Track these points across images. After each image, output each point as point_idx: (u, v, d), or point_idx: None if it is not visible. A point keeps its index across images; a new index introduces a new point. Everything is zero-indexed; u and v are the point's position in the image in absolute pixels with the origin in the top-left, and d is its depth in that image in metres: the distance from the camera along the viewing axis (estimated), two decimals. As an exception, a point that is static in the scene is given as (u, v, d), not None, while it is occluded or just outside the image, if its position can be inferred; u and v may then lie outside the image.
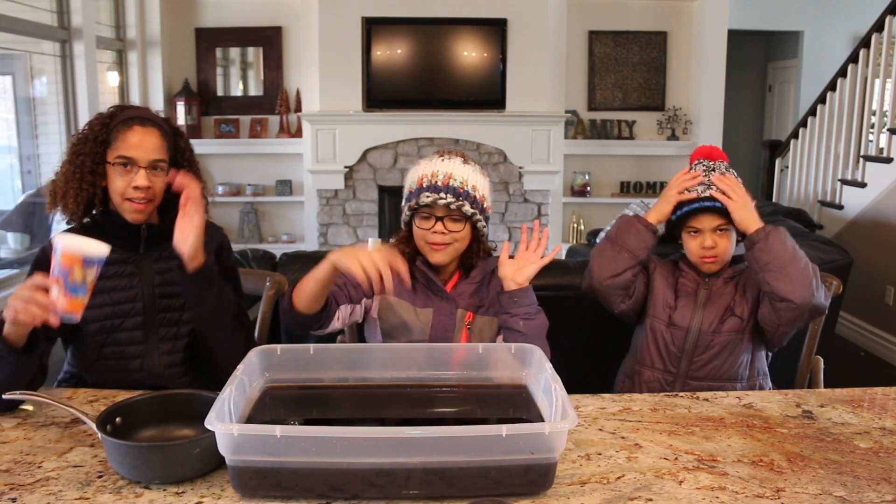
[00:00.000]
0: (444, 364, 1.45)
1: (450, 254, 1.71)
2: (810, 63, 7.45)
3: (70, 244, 1.30)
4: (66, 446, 1.28)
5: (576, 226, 6.25)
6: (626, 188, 6.31)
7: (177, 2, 5.99)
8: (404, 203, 1.75)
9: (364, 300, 1.75)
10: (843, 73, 4.83)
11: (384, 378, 1.44)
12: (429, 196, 1.66)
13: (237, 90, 6.27)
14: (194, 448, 1.15)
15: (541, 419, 1.28)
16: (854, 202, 4.61)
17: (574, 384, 1.37)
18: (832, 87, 4.95)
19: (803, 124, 5.32)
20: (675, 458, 1.27)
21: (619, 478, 1.19)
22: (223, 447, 1.09)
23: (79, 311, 1.32)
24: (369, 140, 5.82)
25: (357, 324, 1.90)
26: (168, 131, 1.62)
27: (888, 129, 4.30)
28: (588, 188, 6.23)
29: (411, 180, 1.73)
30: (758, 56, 8.34)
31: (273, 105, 6.11)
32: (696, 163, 1.88)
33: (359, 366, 1.46)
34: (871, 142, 4.70)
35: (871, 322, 4.43)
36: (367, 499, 1.11)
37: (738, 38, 6.93)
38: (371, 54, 5.70)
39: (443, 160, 1.72)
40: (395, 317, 1.75)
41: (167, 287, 1.64)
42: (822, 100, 5.08)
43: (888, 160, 4.27)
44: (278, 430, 1.06)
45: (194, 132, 5.88)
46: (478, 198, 1.70)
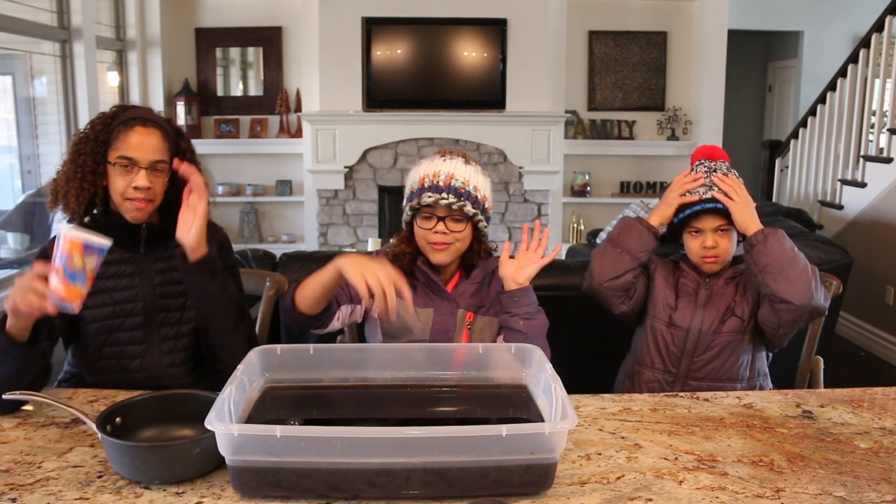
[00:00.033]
0: (444, 364, 1.45)
1: (451, 254, 1.71)
2: (810, 63, 7.45)
3: (73, 231, 1.31)
4: (66, 446, 1.28)
5: (576, 226, 6.25)
6: (626, 188, 6.31)
7: (177, 2, 5.99)
8: (405, 203, 1.75)
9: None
10: (843, 73, 4.83)
11: (384, 378, 1.44)
12: (431, 196, 1.66)
13: (237, 90, 6.27)
14: (194, 448, 1.15)
15: (541, 419, 1.28)
16: (854, 202, 4.61)
17: (574, 384, 1.37)
18: (832, 87, 4.95)
19: (803, 124, 5.32)
20: (675, 458, 1.27)
21: (619, 478, 1.19)
22: (223, 447, 1.09)
23: (76, 301, 1.31)
24: (369, 140, 5.82)
25: (357, 324, 1.90)
26: (170, 132, 1.62)
27: (888, 129, 4.30)
28: (588, 188, 6.23)
29: (413, 180, 1.73)
30: (758, 56, 8.34)
31: (273, 105, 6.11)
32: (697, 163, 1.88)
33: (359, 366, 1.46)
34: (871, 142, 4.70)
35: (871, 322, 4.43)
36: (367, 499, 1.11)
37: (738, 38, 6.93)
38: (371, 54, 5.70)
39: (444, 160, 1.72)
40: (396, 317, 1.74)
41: (168, 287, 1.64)
42: (822, 100, 5.08)
43: (888, 160, 4.27)
44: (278, 430, 1.06)
45: (194, 132, 5.88)
46: (479, 198, 1.70)
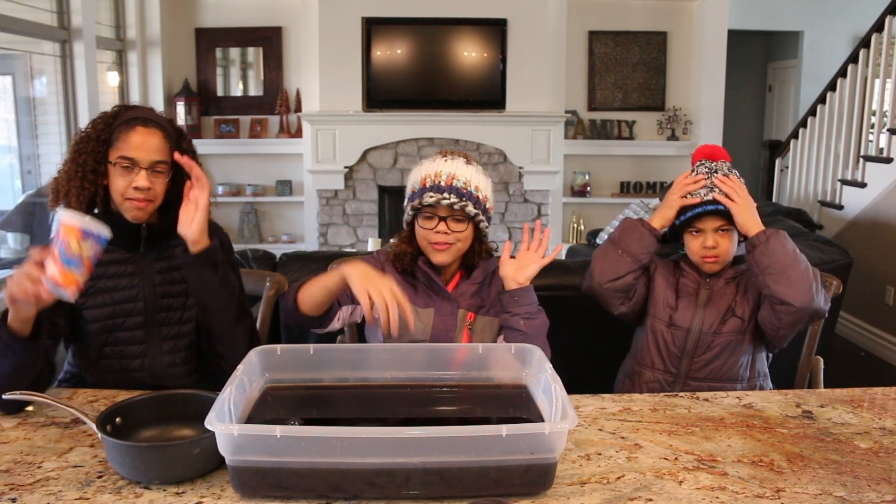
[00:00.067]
0: (444, 364, 1.45)
1: (452, 254, 1.71)
2: (810, 63, 7.45)
3: (70, 216, 1.30)
4: (66, 446, 1.28)
5: (576, 226, 6.25)
6: (626, 188, 6.31)
7: (177, 2, 5.99)
8: (407, 203, 1.75)
9: None
10: (843, 73, 4.83)
11: (384, 378, 1.44)
12: (432, 196, 1.66)
13: (237, 90, 6.27)
14: (194, 448, 1.15)
15: (541, 419, 1.28)
16: (854, 202, 4.61)
17: (574, 384, 1.37)
18: (832, 87, 4.95)
19: (803, 124, 5.32)
20: (675, 458, 1.27)
21: (619, 478, 1.19)
22: (223, 447, 1.09)
23: (72, 287, 1.29)
24: (369, 140, 5.83)
25: (357, 324, 1.90)
26: (171, 132, 1.62)
27: (888, 129, 4.30)
28: (588, 188, 6.23)
29: (414, 180, 1.73)
30: (758, 56, 8.34)
31: (273, 105, 6.11)
32: (698, 164, 1.88)
33: (359, 366, 1.46)
34: (871, 142, 4.70)
35: (871, 322, 4.43)
36: (367, 499, 1.11)
37: (738, 38, 6.93)
38: (371, 54, 5.70)
39: (446, 160, 1.72)
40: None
41: (168, 286, 1.64)
42: (822, 100, 5.08)
43: (888, 160, 4.27)
44: (278, 430, 1.06)
45: (194, 132, 5.89)
46: (480, 198, 1.70)
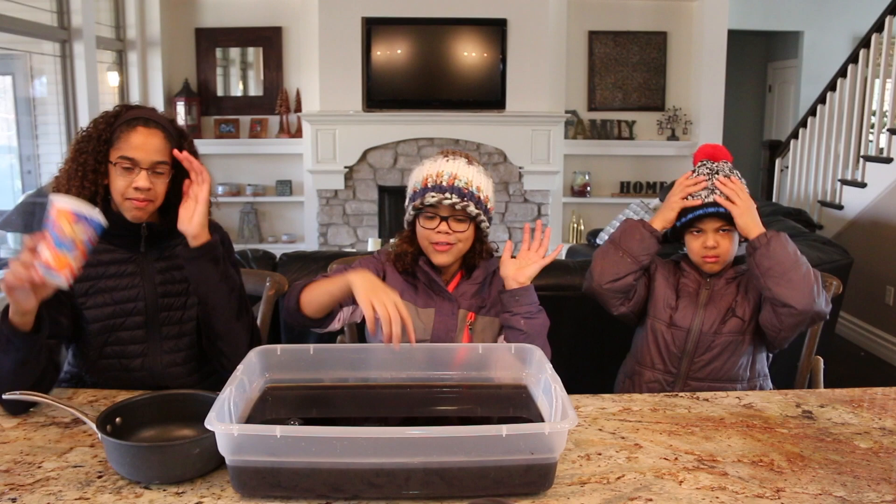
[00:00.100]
0: (444, 364, 1.46)
1: (453, 254, 1.71)
2: (810, 63, 7.45)
3: (63, 200, 1.30)
4: (66, 446, 1.28)
5: (576, 226, 6.25)
6: (626, 188, 6.31)
7: (177, 2, 5.99)
8: (408, 202, 1.75)
9: None
10: (843, 73, 4.83)
11: (384, 378, 1.44)
12: (434, 196, 1.66)
13: (237, 90, 6.28)
14: (194, 448, 1.15)
15: (541, 419, 1.28)
16: (854, 202, 4.61)
17: (574, 384, 1.37)
18: (832, 87, 4.95)
19: (803, 124, 5.32)
20: (675, 458, 1.27)
21: (619, 478, 1.19)
22: (223, 447, 1.09)
23: (64, 271, 1.28)
24: (369, 140, 5.83)
25: (357, 324, 1.90)
26: (172, 133, 1.61)
27: (888, 129, 4.30)
28: (588, 188, 6.23)
29: (416, 180, 1.73)
30: (758, 56, 8.34)
31: (273, 105, 6.11)
32: (699, 164, 1.88)
33: (359, 366, 1.46)
34: (871, 142, 4.70)
35: (871, 322, 4.43)
36: (367, 499, 1.11)
37: (738, 38, 6.93)
38: (371, 54, 5.70)
39: (447, 160, 1.72)
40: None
41: (169, 286, 1.64)
42: (822, 100, 5.07)
43: (888, 160, 4.27)
44: (278, 430, 1.06)
45: (194, 132, 5.89)
46: (482, 199, 1.70)
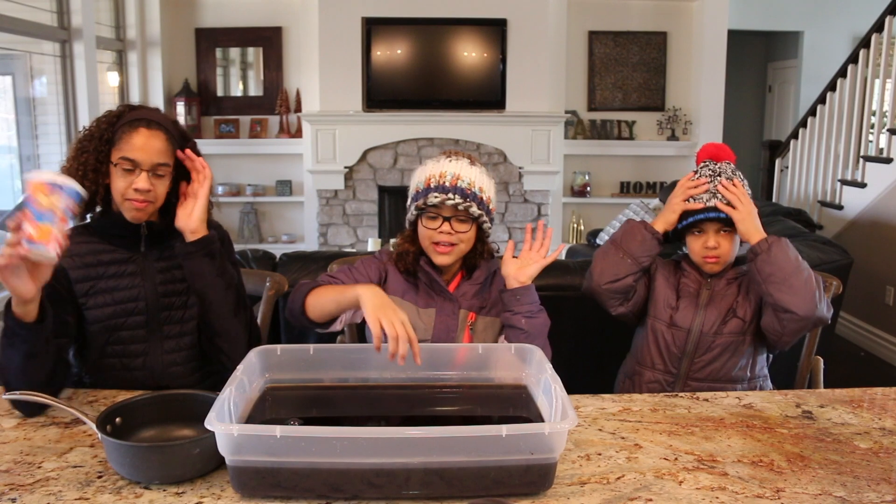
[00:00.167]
0: (444, 364, 1.45)
1: (454, 255, 1.71)
2: (810, 63, 7.45)
3: (36, 173, 1.31)
4: (66, 446, 1.28)
5: (576, 226, 6.25)
6: (626, 188, 6.31)
7: (177, 2, 5.99)
8: (410, 202, 1.75)
9: None
10: (843, 73, 4.83)
11: (384, 378, 1.44)
12: (437, 196, 1.66)
13: (237, 90, 6.28)
14: (194, 448, 1.15)
15: (541, 419, 1.28)
16: (854, 202, 4.61)
17: (574, 384, 1.37)
18: (832, 87, 4.95)
19: (803, 124, 5.32)
20: (675, 459, 1.27)
21: (619, 478, 1.19)
22: (223, 447, 1.09)
23: (47, 241, 1.28)
24: (369, 140, 5.83)
25: (357, 324, 1.90)
26: (174, 135, 1.61)
27: (888, 129, 4.30)
28: (588, 188, 6.23)
29: (418, 180, 1.73)
30: (758, 56, 8.34)
31: (273, 105, 6.11)
32: (702, 165, 1.87)
33: (359, 366, 1.46)
34: (871, 142, 4.70)
35: (871, 322, 4.43)
36: (367, 499, 1.11)
37: (738, 38, 6.93)
38: (371, 54, 5.70)
39: (450, 161, 1.72)
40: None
41: (170, 285, 1.64)
42: (822, 100, 5.07)
43: (888, 160, 4.27)
44: (278, 430, 1.06)
45: (194, 132, 5.89)
46: (484, 199, 1.70)
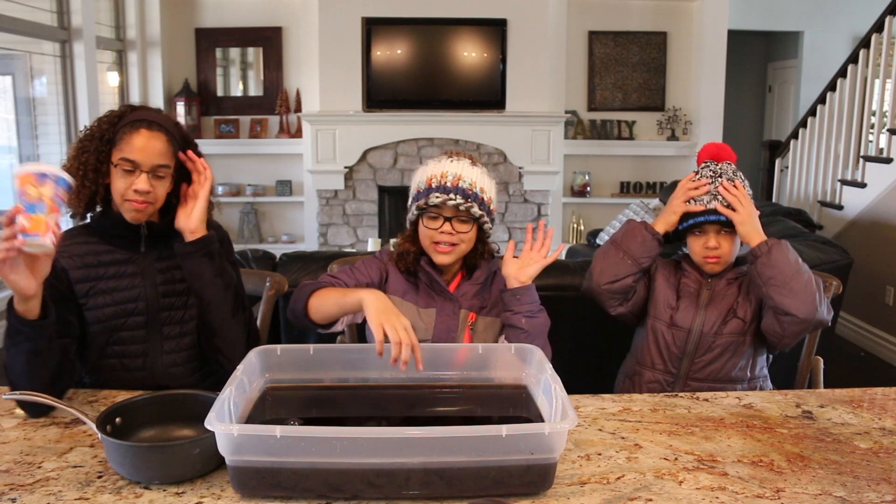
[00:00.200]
0: (444, 364, 1.45)
1: (455, 255, 1.72)
2: (810, 63, 7.45)
3: (22, 166, 1.31)
4: (66, 446, 1.28)
5: (576, 226, 6.25)
6: (626, 188, 6.31)
7: (177, 2, 5.99)
8: (411, 202, 1.75)
9: None
10: (843, 73, 4.83)
11: (384, 378, 1.44)
12: (438, 196, 1.66)
13: (237, 90, 6.28)
14: (194, 448, 1.15)
15: (541, 419, 1.28)
16: (854, 202, 4.61)
17: (574, 384, 1.37)
18: (832, 87, 4.95)
19: (803, 124, 5.32)
20: (675, 459, 1.27)
21: (619, 478, 1.19)
22: (223, 447, 1.09)
23: (42, 231, 1.28)
24: (369, 140, 5.83)
25: (357, 324, 1.90)
26: (176, 136, 1.61)
27: (888, 130, 4.30)
28: (588, 188, 6.23)
29: (419, 180, 1.73)
30: (758, 56, 8.34)
31: (273, 105, 6.11)
32: (702, 166, 1.87)
33: (359, 366, 1.46)
34: (871, 142, 4.70)
35: (871, 322, 4.43)
36: (367, 499, 1.11)
37: (738, 38, 6.93)
38: (371, 54, 5.70)
39: (452, 161, 1.72)
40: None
41: (170, 286, 1.64)
42: (822, 100, 5.07)
43: (888, 160, 4.27)
44: (278, 430, 1.06)
45: (194, 132, 5.89)
46: (485, 200, 1.70)
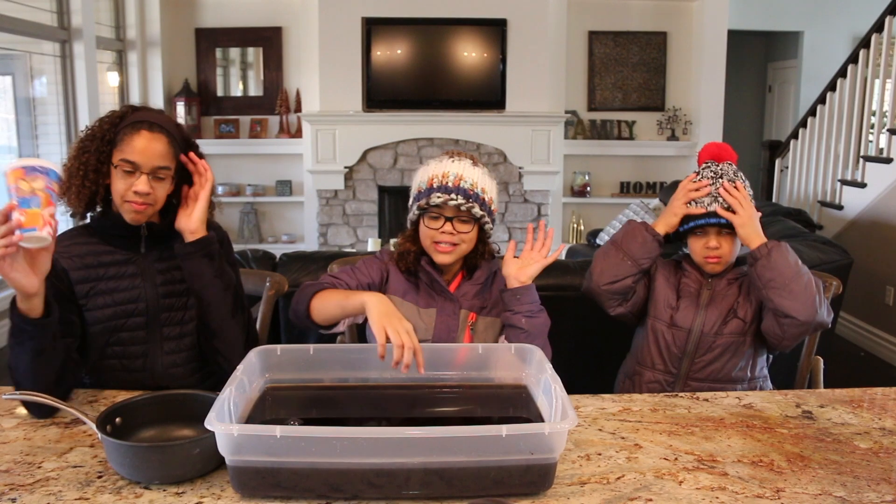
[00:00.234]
0: (444, 364, 1.45)
1: (456, 255, 1.72)
2: (810, 63, 7.45)
3: (9, 164, 1.31)
4: (66, 446, 1.28)
5: (576, 226, 6.25)
6: (626, 188, 6.31)
7: (177, 2, 5.99)
8: (412, 202, 1.75)
9: None
10: (843, 73, 4.83)
11: (384, 378, 1.44)
12: (439, 196, 1.66)
13: (237, 90, 6.28)
14: (194, 448, 1.15)
15: (541, 419, 1.28)
16: (854, 202, 4.61)
17: (574, 384, 1.37)
18: (832, 87, 4.95)
19: (803, 124, 5.32)
20: (675, 459, 1.27)
21: (619, 478, 1.19)
22: (223, 447, 1.09)
23: (39, 225, 1.28)
24: (369, 140, 5.83)
25: (357, 324, 1.90)
26: (177, 138, 1.60)
27: (888, 130, 4.30)
28: (588, 188, 6.23)
29: (421, 180, 1.73)
30: (758, 56, 8.34)
31: (273, 105, 6.11)
32: (703, 166, 1.87)
33: (359, 366, 1.46)
34: (871, 142, 4.70)
35: (871, 322, 4.43)
36: (367, 499, 1.11)
37: (738, 38, 6.93)
38: (371, 54, 5.70)
39: (453, 161, 1.72)
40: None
41: (170, 286, 1.64)
42: (822, 100, 5.07)
43: (888, 160, 4.27)
44: (278, 430, 1.06)
45: (194, 132, 5.89)
46: (486, 200, 1.70)
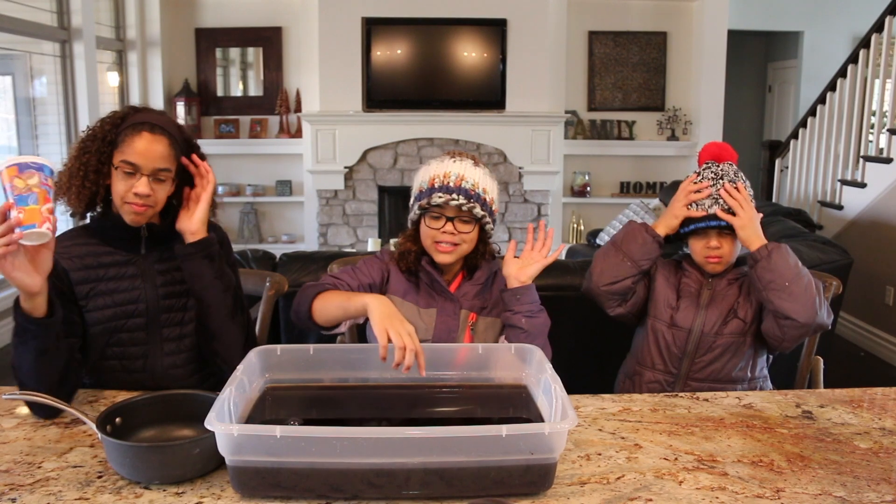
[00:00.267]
0: (444, 364, 1.46)
1: (456, 255, 1.72)
2: (810, 63, 7.45)
3: (2, 162, 1.30)
4: (66, 446, 1.28)
5: (576, 226, 6.25)
6: (625, 188, 6.31)
7: (177, 2, 5.99)
8: (413, 202, 1.75)
9: None
10: (843, 73, 4.83)
11: (384, 378, 1.44)
12: (441, 196, 1.67)
13: (237, 90, 6.28)
14: (194, 448, 1.15)
15: (541, 419, 1.28)
16: (854, 202, 4.61)
17: (574, 384, 1.37)
18: (832, 87, 4.95)
19: (803, 124, 5.32)
20: (675, 459, 1.27)
21: (619, 478, 1.20)
22: (223, 447, 1.09)
23: (39, 221, 1.28)
24: (369, 140, 5.83)
25: (357, 324, 1.90)
26: (178, 140, 1.60)
27: (888, 130, 4.30)
28: (588, 188, 6.23)
29: (422, 180, 1.73)
30: (758, 56, 8.34)
31: (273, 105, 6.11)
32: (703, 167, 1.87)
33: (359, 366, 1.46)
34: (871, 142, 4.70)
35: (871, 322, 4.43)
36: (367, 499, 1.11)
37: (738, 38, 6.94)
38: (371, 54, 5.70)
39: (454, 161, 1.72)
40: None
41: (170, 287, 1.64)
42: (822, 100, 5.07)
43: (888, 160, 4.27)
44: (278, 430, 1.06)
45: (194, 132, 5.89)
46: (487, 200, 1.71)
